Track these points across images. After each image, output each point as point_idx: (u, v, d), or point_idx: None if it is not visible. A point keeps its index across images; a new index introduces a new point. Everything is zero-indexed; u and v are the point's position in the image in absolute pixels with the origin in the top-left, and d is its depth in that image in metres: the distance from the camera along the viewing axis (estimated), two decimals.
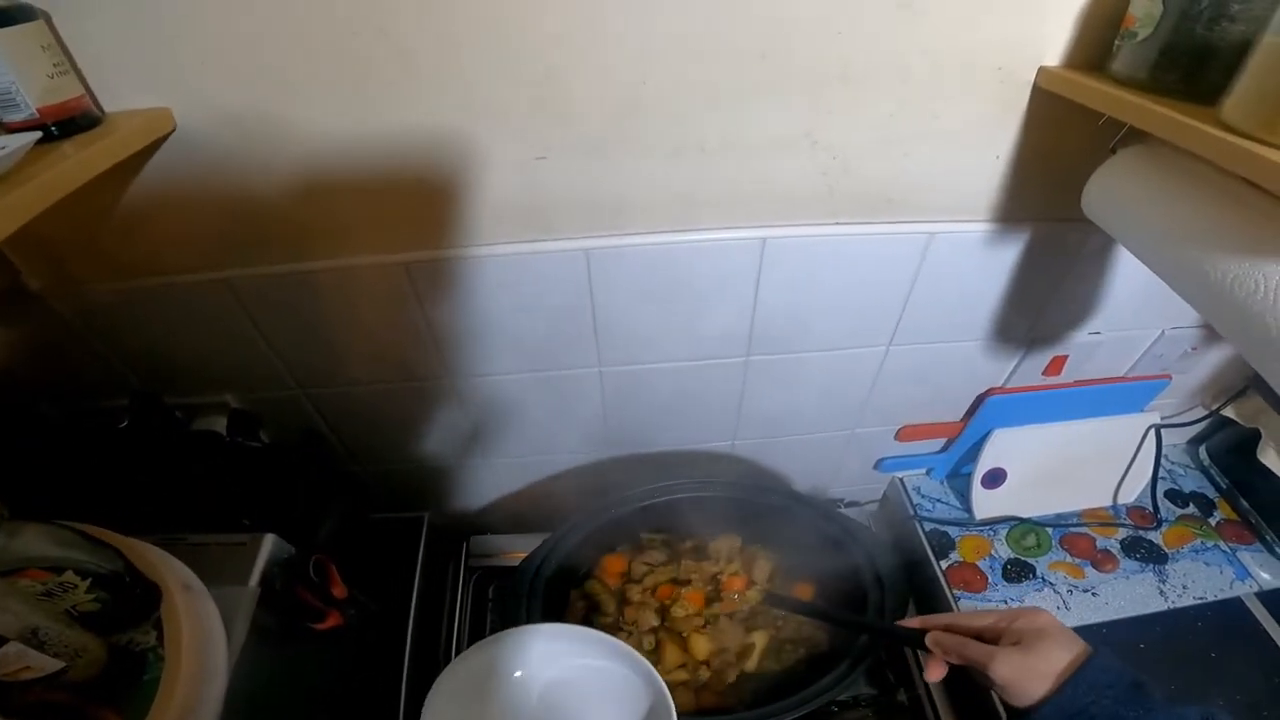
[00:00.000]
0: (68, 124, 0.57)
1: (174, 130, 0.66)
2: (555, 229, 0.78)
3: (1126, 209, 0.66)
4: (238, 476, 0.87)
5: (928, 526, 1.17)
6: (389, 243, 0.78)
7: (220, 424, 0.93)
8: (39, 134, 0.53)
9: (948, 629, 0.72)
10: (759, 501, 1.04)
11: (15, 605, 0.50)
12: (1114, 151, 0.70)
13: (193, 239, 0.76)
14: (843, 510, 1.10)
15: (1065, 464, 1.14)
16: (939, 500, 1.21)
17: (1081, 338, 1.01)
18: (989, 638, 0.69)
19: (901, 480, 1.25)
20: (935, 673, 0.71)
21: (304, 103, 0.66)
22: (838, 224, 0.81)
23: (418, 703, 0.88)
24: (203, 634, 0.63)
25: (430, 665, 1.02)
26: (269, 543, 0.77)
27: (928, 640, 0.72)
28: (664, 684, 0.69)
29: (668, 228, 0.79)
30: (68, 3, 0.58)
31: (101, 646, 0.57)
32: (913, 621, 0.77)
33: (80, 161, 0.54)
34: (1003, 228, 0.84)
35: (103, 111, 0.62)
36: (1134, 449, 1.17)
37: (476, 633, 1.12)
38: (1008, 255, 0.87)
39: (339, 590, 0.82)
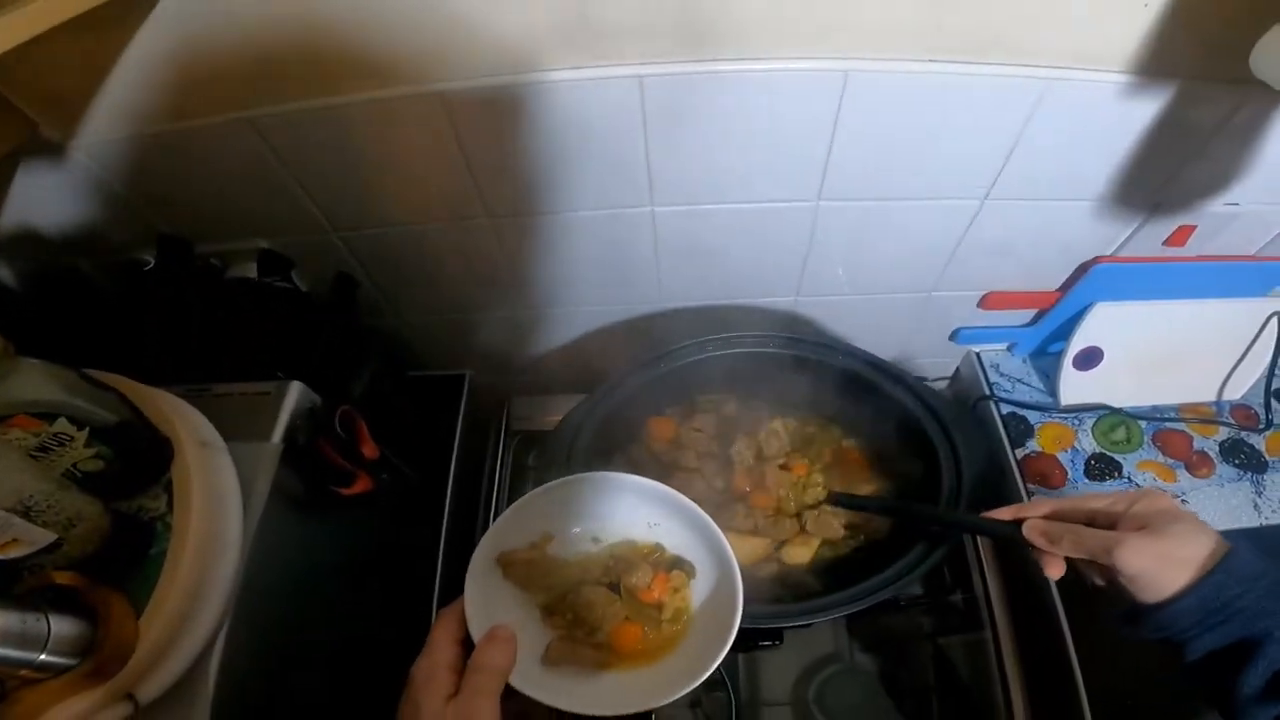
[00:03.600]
0: None
1: None
2: (606, 54, 0.68)
3: None
4: (266, 321, 0.82)
5: (1004, 409, 1.07)
6: (424, 72, 0.69)
7: (253, 269, 0.87)
8: None
9: (1053, 516, 0.62)
10: (821, 362, 0.94)
11: None
12: None
13: (212, 79, 0.70)
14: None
15: (1171, 349, 1.02)
16: (1020, 381, 1.11)
17: (1215, 208, 0.87)
18: (1102, 523, 0.59)
19: (978, 355, 1.14)
20: (1055, 569, 0.61)
21: None
22: (936, 61, 0.70)
23: (455, 575, 0.85)
24: (216, 498, 0.57)
25: (468, 536, 0.99)
26: (295, 391, 0.71)
27: (1028, 531, 0.62)
28: (736, 564, 0.61)
29: (733, 56, 0.69)
30: None
31: (102, 514, 0.51)
32: (1003, 512, 0.66)
33: None
34: (1141, 82, 0.71)
35: None
36: (1250, 338, 1.04)
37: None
38: (1142, 113, 0.75)
39: (369, 449, 0.77)
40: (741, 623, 0.55)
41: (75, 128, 0.74)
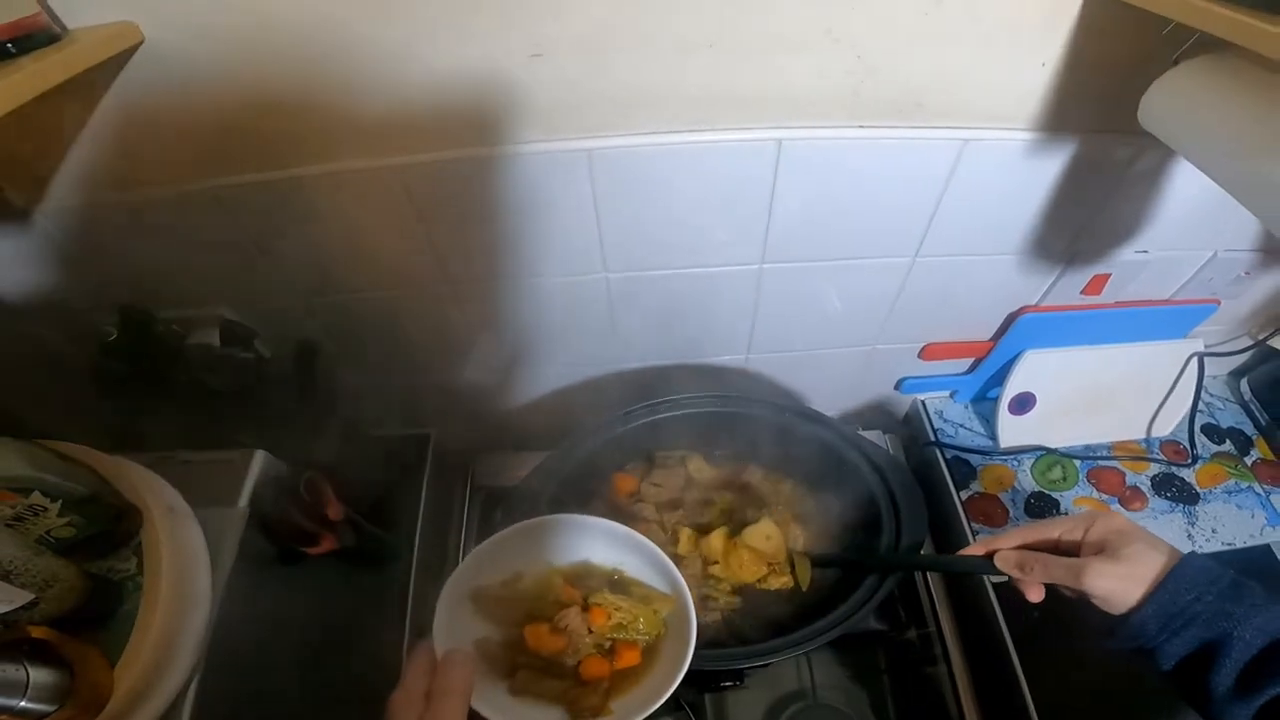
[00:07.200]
0: (23, 41, 0.55)
1: (141, 43, 0.62)
2: (555, 129, 0.72)
3: (1193, 118, 0.62)
4: (229, 390, 0.84)
5: (949, 454, 1.12)
6: (381, 147, 0.73)
7: (215, 337, 0.89)
8: None
9: (1022, 546, 0.68)
10: (771, 420, 0.99)
11: None
12: (1176, 63, 0.64)
13: (174, 151, 0.72)
14: (860, 433, 1.05)
15: (1099, 391, 1.08)
16: (962, 426, 1.16)
17: (1126, 256, 0.94)
18: (1066, 548, 0.66)
19: (923, 403, 1.20)
20: (1035, 594, 0.67)
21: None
22: (861, 127, 0.75)
23: (421, 628, 0.86)
24: (185, 559, 0.60)
25: (436, 592, 1.01)
26: (259, 459, 0.73)
27: (1001, 563, 0.68)
28: (691, 601, 0.63)
29: (675, 128, 0.73)
30: None
31: (77, 575, 0.53)
32: (976, 549, 0.72)
33: (34, 73, 0.53)
34: (1046, 138, 0.77)
35: (64, 29, 0.60)
36: (1173, 378, 1.10)
37: None
38: (1050, 167, 0.81)
39: (334, 511, 0.79)
40: (702, 664, 0.58)
41: (39, 193, 0.75)
